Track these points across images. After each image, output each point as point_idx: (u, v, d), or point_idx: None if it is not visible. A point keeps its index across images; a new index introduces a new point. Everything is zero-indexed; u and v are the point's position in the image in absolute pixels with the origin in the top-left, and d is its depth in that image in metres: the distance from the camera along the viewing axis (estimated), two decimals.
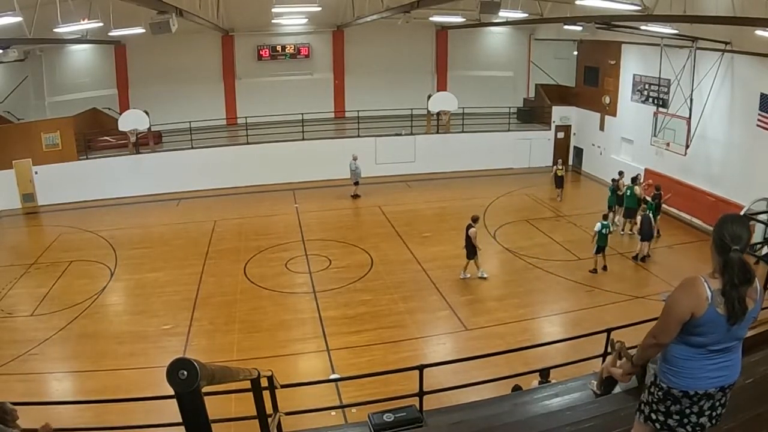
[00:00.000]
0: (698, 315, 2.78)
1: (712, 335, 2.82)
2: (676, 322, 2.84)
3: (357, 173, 20.03)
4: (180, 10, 11.72)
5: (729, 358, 2.94)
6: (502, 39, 26.60)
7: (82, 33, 17.16)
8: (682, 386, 2.98)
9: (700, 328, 2.81)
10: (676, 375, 2.99)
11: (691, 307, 2.78)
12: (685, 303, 2.80)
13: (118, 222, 18.20)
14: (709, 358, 2.89)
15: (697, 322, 2.79)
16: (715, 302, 2.75)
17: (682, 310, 2.80)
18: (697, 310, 2.77)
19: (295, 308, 12.70)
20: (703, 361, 2.90)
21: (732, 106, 15.93)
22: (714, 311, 2.76)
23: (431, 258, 14.88)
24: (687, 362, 2.93)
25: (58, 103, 22.04)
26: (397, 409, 5.66)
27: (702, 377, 2.93)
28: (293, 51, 24.93)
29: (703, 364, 2.91)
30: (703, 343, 2.85)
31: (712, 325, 2.78)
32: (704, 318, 2.77)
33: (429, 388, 6.26)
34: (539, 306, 12.84)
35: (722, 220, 2.86)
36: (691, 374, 2.94)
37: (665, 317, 2.91)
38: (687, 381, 2.96)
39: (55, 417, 8.08)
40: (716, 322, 2.77)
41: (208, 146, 21.13)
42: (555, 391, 6.03)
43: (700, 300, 2.76)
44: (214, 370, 2.18)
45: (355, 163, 19.95)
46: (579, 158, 23.59)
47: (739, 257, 2.74)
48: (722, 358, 2.91)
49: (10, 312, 12.50)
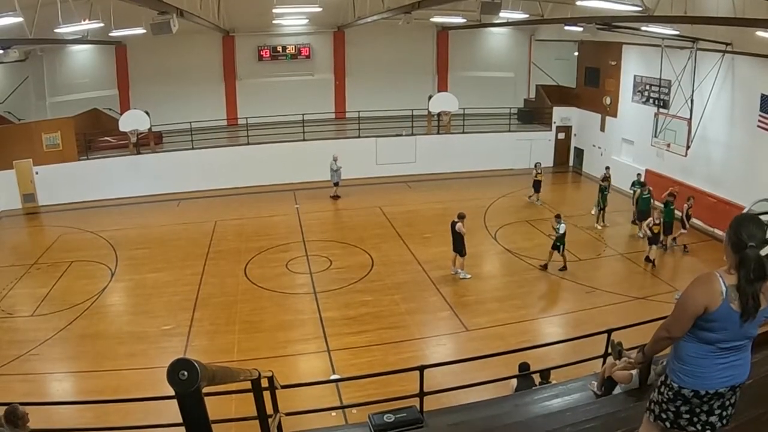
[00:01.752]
0: (712, 309, 2.79)
1: (724, 331, 2.83)
2: (689, 315, 2.86)
3: (338, 174, 19.96)
4: (180, 10, 11.73)
5: (739, 357, 2.95)
6: (503, 40, 26.63)
7: (83, 33, 17.17)
8: (693, 386, 2.99)
9: (712, 324, 2.82)
10: (687, 374, 3.00)
11: (705, 301, 2.80)
12: (700, 297, 2.82)
13: (118, 222, 18.20)
14: (721, 356, 2.91)
15: (711, 316, 2.81)
16: (729, 297, 2.77)
17: (697, 303, 2.82)
18: (711, 305, 2.79)
19: (295, 309, 12.70)
20: (714, 359, 2.91)
21: (733, 107, 15.92)
22: (728, 306, 2.78)
23: (432, 259, 14.87)
24: (699, 360, 2.94)
25: (58, 104, 22.07)
26: (398, 409, 5.66)
27: (713, 376, 2.94)
28: (294, 51, 24.95)
29: (714, 363, 2.92)
30: (715, 339, 2.86)
31: (725, 321, 2.80)
32: (718, 313, 2.79)
33: (429, 388, 6.27)
34: (540, 307, 12.84)
35: (738, 220, 2.89)
36: (703, 373, 2.95)
37: (679, 310, 2.93)
38: (698, 380, 2.97)
39: (56, 417, 8.11)
40: (729, 318, 2.79)
41: (208, 147, 21.13)
42: (555, 392, 6.03)
43: (714, 294, 2.79)
44: (215, 370, 2.18)
45: (336, 163, 19.90)
46: (579, 159, 23.58)
47: (756, 254, 2.76)
48: (733, 357, 2.93)
49: (11, 312, 12.50)
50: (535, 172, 19.69)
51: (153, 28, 10.89)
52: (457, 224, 13.54)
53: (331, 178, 20.06)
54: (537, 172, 19.63)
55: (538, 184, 19.59)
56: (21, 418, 5.26)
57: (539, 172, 19.62)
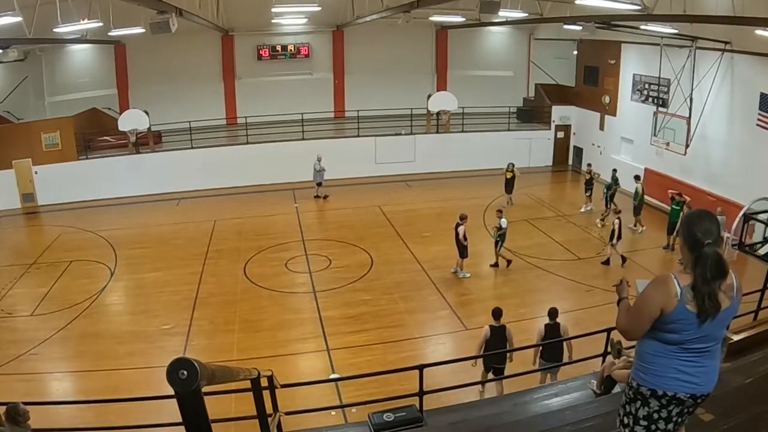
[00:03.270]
0: (667, 311, 2.75)
1: (684, 332, 2.78)
2: (646, 318, 2.83)
3: (320, 174, 19.88)
4: (180, 9, 11.72)
5: (704, 363, 2.86)
6: (502, 39, 26.62)
7: (82, 33, 17.15)
8: (650, 383, 2.92)
9: (670, 325, 2.78)
10: (645, 371, 2.94)
11: (660, 303, 2.76)
12: (655, 299, 2.78)
13: (118, 222, 18.20)
14: (682, 357, 2.83)
15: (667, 318, 2.77)
16: (684, 299, 2.72)
17: (652, 306, 2.79)
18: (666, 307, 2.75)
19: (295, 308, 12.70)
20: (673, 359, 2.84)
21: (732, 106, 15.93)
22: (683, 307, 2.73)
23: (431, 258, 14.88)
24: (657, 358, 2.88)
25: (57, 103, 22.06)
26: (397, 408, 5.67)
27: (671, 377, 2.86)
28: (293, 51, 24.93)
29: (673, 363, 2.85)
30: (677, 340, 2.81)
31: (683, 323, 2.75)
32: (673, 315, 2.75)
33: (429, 387, 6.27)
34: (539, 305, 12.80)
35: (691, 217, 2.85)
36: (661, 371, 2.88)
37: (635, 312, 2.90)
38: (656, 378, 2.90)
39: (55, 417, 8.10)
40: (687, 319, 2.74)
41: (208, 146, 21.13)
42: (555, 391, 6.05)
43: (669, 296, 2.74)
44: (214, 369, 2.18)
45: (320, 164, 19.85)
46: (579, 158, 23.57)
47: (714, 251, 2.72)
48: (697, 362, 2.84)
49: (10, 312, 12.50)
50: (506, 171, 18.84)
51: (152, 28, 10.88)
52: (460, 227, 13.51)
53: (314, 178, 19.99)
54: (507, 171, 18.79)
55: (510, 183, 18.86)
56: (22, 416, 5.27)
57: (510, 171, 18.79)
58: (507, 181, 19.00)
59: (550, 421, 5.09)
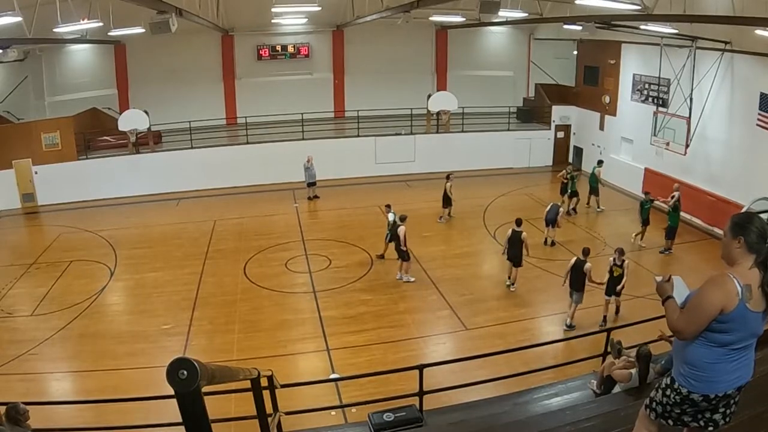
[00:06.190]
0: (728, 311, 2.79)
1: (737, 332, 2.83)
2: (706, 317, 2.84)
3: (311, 174, 19.80)
4: (180, 9, 11.71)
5: (747, 356, 2.96)
6: (502, 38, 26.62)
7: (82, 33, 17.17)
8: (703, 390, 2.97)
9: (727, 325, 2.82)
10: (698, 379, 2.96)
11: (721, 303, 2.79)
12: (716, 299, 2.81)
13: (117, 222, 18.19)
14: (732, 358, 2.90)
15: (726, 318, 2.80)
16: (745, 297, 2.77)
17: (713, 307, 2.81)
18: (727, 306, 2.79)
19: (295, 308, 12.69)
20: (724, 363, 2.90)
21: (732, 106, 15.92)
22: (744, 307, 2.78)
23: (431, 257, 14.88)
24: (710, 365, 2.92)
25: (57, 103, 22.04)
26: (397, 408, 5.68)
27: (724, 380, 2.94)
28: (293, 51, 24.94)
29: (726, 367, 2.91)
30: (728, 341, 2.85)
31: (740, 321, 2.80)
32: (734, 314, 2.79)
33: (429, 387, 6.27)
34: (539, 305, 12.83)
35: (744, 219, 2.87)
36: (715, 377, 2.93)
37: (694, 312, 2.88)
38: (710, 385, 2.95)
39: (55, 417, 8.11)
40: (745, 318, 2.80)
41: (207, 146, 21.12)
42: (555, 391, 6.05)
43: (730, 296, 2.78)
44: (214, 369, 2.18)
45: (309, 164, 19.75)
46: (579, 158, 23.58)
47: None
48: (742, 357, 2.93)
49: (10, 312, 12.49)
50: (445, 183, 17.42)
51: (152, 28, 10.87)
52: (400, 228, 13.36)
53: (305, 179, 19.93)
54: (447, 183, 17.38)
55: (447, 197, 17.45)
56: (22, 415, 5.28)
57: (449, 183, 17.38)
58: (445, 195, 17.49)
59: (550, 421, 5.09)
